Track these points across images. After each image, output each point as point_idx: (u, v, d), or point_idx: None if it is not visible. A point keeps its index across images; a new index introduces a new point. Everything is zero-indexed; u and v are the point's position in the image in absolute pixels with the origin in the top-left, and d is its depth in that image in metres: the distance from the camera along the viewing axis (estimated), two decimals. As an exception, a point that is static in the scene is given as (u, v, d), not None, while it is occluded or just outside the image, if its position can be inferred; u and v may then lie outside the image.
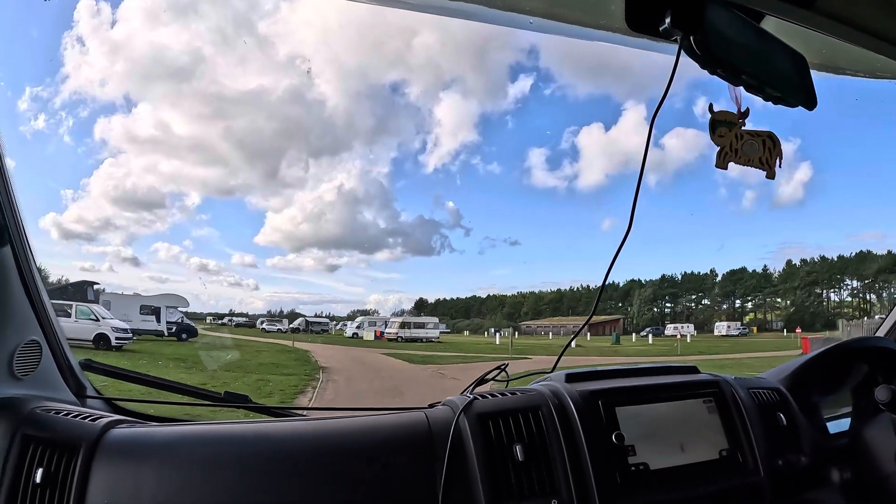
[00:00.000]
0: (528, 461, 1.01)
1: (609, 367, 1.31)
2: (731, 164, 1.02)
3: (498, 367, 1.31)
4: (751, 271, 54.27)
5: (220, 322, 36.63)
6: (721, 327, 44.17)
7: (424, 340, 30.84)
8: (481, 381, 1.26)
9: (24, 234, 1.07)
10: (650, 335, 39.26)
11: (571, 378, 1.19)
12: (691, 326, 45.95)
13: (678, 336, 33.67)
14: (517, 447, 1.01)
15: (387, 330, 32.57)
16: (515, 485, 0.99)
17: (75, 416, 0.98)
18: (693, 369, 1.34)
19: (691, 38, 0.79)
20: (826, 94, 0.96)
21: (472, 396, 1.10)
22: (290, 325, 35.12)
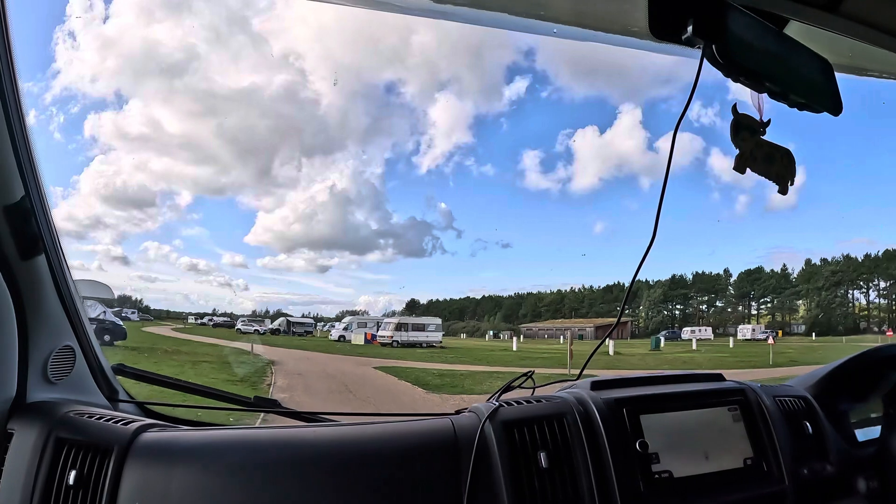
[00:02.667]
0: (553, 469, 1.08)
1: (634, 374, 1.37)
2: (748, 171, 1.06)
3: (524, 375, 1.38)
4: (769, 271, 54.46)
5: (199, 322, 36.33)
6: (745, 331, 42.34)
7: (425, 346, 27.41)
8: (507, 387, 1.33)
9: (58, 244, 1.14)
10: (693, 340, 37.09)
11: (597, 386, 1.25)
12: (709, 330, 45.64)
13: (769, 341, 29.87)
14: (542, 454, 1.08)
15: (379, 333, 28.96)
16: (539, 492, 1.05)
17: (108, 420, 1.05)
18: (718, 377, 1.40)
19: (713, 46, 0.84)
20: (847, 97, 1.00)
21: (497, 403, 1.17)
22: (270, 326, 32.83)
